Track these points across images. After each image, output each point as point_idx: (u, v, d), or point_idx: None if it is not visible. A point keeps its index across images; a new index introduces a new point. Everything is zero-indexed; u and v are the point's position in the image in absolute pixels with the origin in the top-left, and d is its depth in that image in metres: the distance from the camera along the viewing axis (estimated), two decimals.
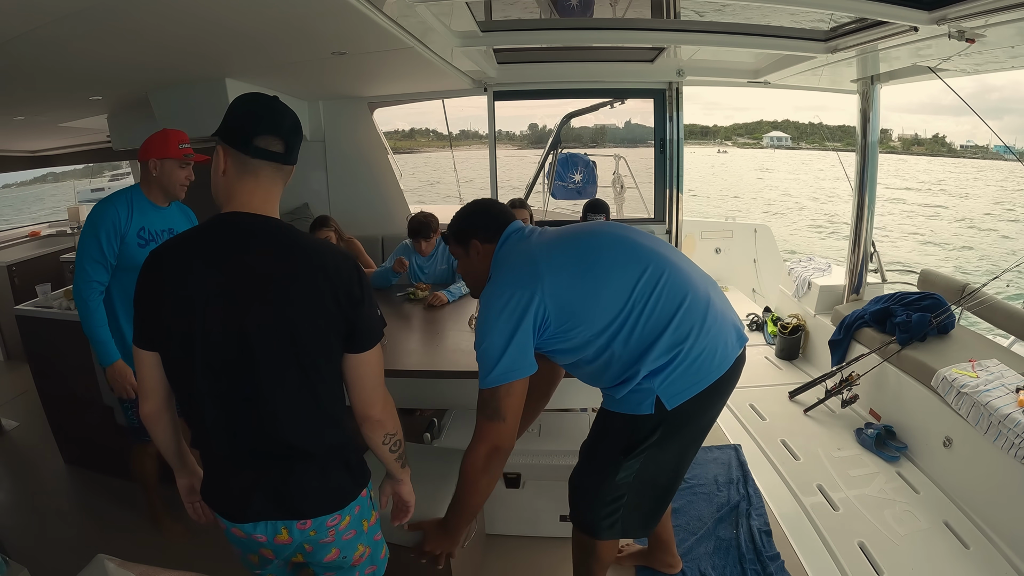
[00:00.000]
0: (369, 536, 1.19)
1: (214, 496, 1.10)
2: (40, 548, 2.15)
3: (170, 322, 0.99)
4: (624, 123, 5.20)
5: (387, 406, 1.12)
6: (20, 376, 3.54)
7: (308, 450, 1.05)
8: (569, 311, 1.28)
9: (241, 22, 1.84)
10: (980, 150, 50.96)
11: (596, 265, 1.31)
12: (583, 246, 1.37)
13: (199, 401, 1.01)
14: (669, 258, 1.36)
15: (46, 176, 7.40)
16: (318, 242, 1.07)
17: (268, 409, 1.01)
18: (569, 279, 1.29)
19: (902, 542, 2.08)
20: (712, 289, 1.39)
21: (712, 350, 1.31)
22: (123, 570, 1.15)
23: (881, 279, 3.70)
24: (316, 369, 1.02)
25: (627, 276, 1.30)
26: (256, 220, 1.01)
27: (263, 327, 0.98)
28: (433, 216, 3.07)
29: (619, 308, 1.28)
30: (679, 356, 1.28)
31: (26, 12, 1.48)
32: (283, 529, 1.06)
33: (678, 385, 1.29)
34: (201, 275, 0.97)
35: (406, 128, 10.02)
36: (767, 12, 2.45)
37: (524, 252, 1.35)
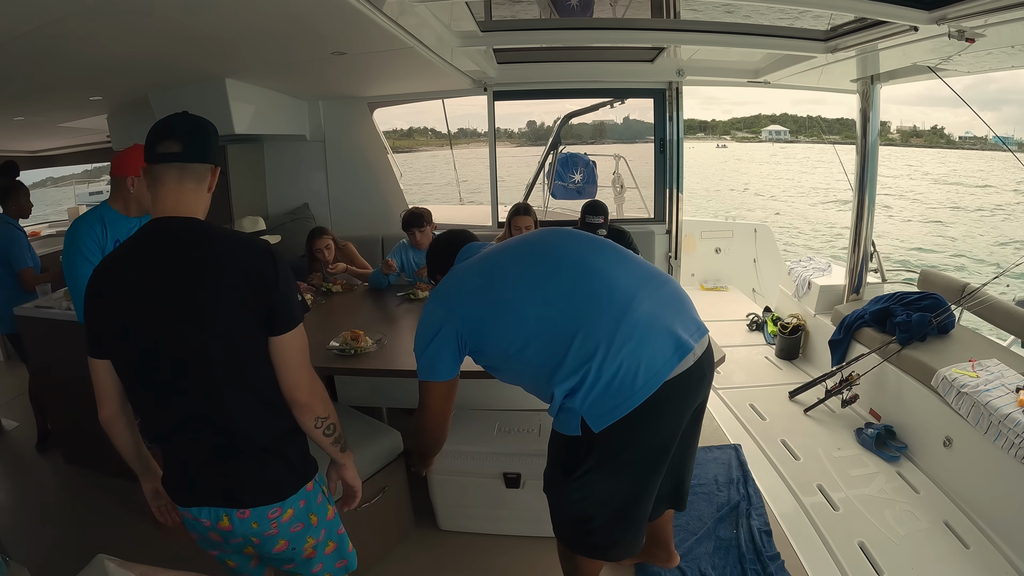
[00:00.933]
0: (320, 529, 1.21)
1: (168, 480, 1.18)
2: (40, 548, 2.15)
3: (110, 331, 1.07)
4: (623, 119, 5.20)
5: (314, 389, 1.13)
6: (20, 376, 3.54)
7: (250, 438, 1.09)
8: (479, 330, 1.32)
9: (241, 22, 1.84)
10: (979, 141, 51.01)
11: (500, 283, 1.32)
12: (493, 267, 1.38)
13: (145, 398, 1.11)
14: (583, 266, 1.30)
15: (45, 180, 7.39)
16: (230, 235, 1.11)
17: (209, 401, 1.06)
18: (474, 304, 1.33)
19: (902, 542, 2.08)
20: (643, 295, 1.25)
21: (631, 369, 1.18)
22: (123, 570, 1.15)
23: (881, 279, 3.70)
24: (237, 355, 1.06)
25: (528, 293, 1.28)
26: (171, 224, 1.07)
27: (190, 326, 1.03)
28: (426, 209, 3.08)
29: (523, 325, 1.26)
30: (588, 375, 1.19)
31: (26, 12, 1.48)
32: (224, 516, 1.10)
33: (600, 406, 1.20)
34: (124, 280, 1.06)
35: (404, 127, 10.11)
36: (766, 12, 2.45)
37: (447, 280, 1.43)
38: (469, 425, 2.14)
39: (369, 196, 4.08)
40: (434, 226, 3.09)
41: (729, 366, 3.49)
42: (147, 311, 1.04)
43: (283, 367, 1.09)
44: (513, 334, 1.28)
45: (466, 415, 2.20)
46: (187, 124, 1.09)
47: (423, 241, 3.04)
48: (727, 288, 5.32)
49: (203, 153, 1.10)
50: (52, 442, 2.91)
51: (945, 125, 66.97)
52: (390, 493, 2.00)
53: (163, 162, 1.06)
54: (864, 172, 3.38)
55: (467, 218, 4.69)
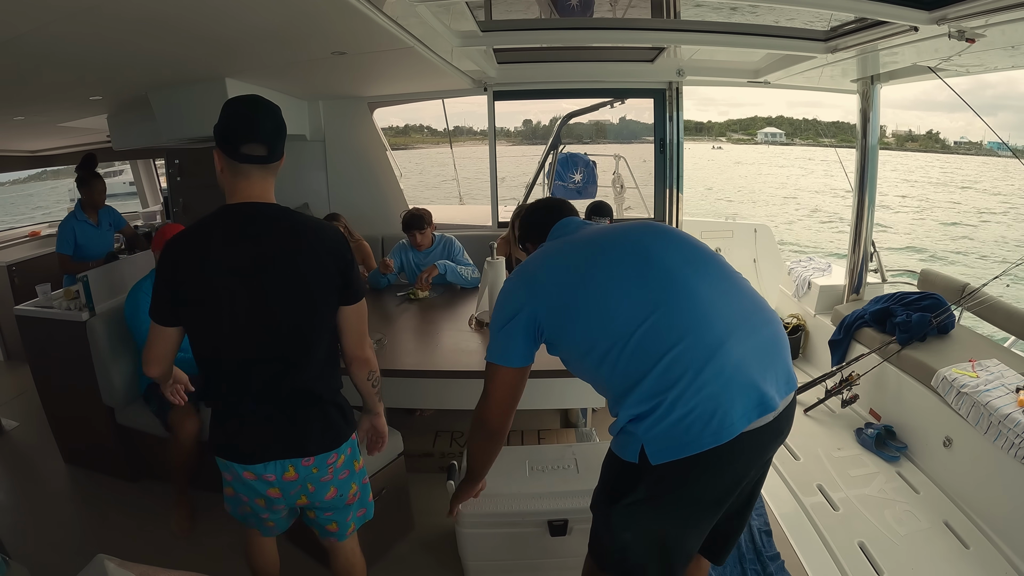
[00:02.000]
0: (359, 477, 1.41)
1: (228, 445, 1.26)
2: (40, 548, 2.15)
3: (192, 297, 1.18)
4: (619, 119, 5.19)
5: (371, 349, 1.37)
6: (20, 376, 3.55)
7: (319, 394, 1.27)
8: (561, 325, 1.23)
9: (241, 22, 1.84)
10: (974, 146, 51.15)
11: (593, 281, 1.20)
12: (589, 259, 1.24)
13: (223, 361, 1.23)
14: (683, 287, 1.16)
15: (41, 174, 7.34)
16: (313, 219, 1.28)
17: (288, 361, 1.22)
18: (562, 295, 1.22)
19: (902, 542, 2.08)
20: (740, 335, 1.12)
21: (706, 412, 1.07)
22: (123, 570, 1.15)
23: (881, 279, 3.71)
24: (324, 323, 1.25)
25: (623, 302, 1.16)
26: (257, 208, 1.20)
27: (280, 294, 1.19)
28: (426, 210, 3.08)
29: (608, 334, 1.15)
30: (661, 406, 1.09)
31: (26, 12, 1.48)
32: (290, 467, 1.25)
33: (664, 440, 1.10)
34: (217, 256, 1.17)
35: (400, 124, 10.01)
36: (764, 12, 2.44)
37: (537, 259, 1.32)
38: (498, 467, 1.76)
39: (369, 196, 4.07)
40: (434, 227, 3.09)
41: None
42: (246, 283, 1.17)
43: (352, 329, 1.30)
44: (596, 337, 1.17)
45: None
46: (270, 126, 1.19)
47: (423, 242, 3.04)
48: None
49: (281, 152, 1.23)
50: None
51: (940, 130, 67.09)
52: (390, 493, 2.00)
53: (251, 163, 1.18)
54: (864, 172, 3.38)
55: (467, 218, 4.70)
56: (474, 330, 2.40)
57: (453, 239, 3.14)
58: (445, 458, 2.46)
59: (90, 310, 2.39)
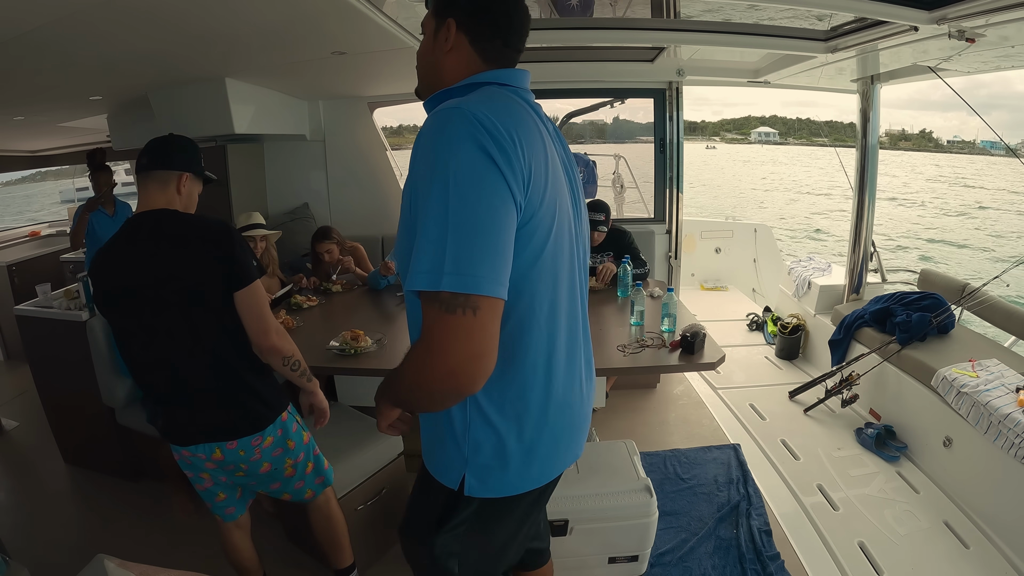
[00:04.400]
0: (295, 454, 1.48)
1: (164, 429, 1.41)
2: (40, 548, 2.15)
3: (108, 297, 1.32)
4: (613, 119, 5.20)
5: (279, 334, 1.36)
6: (20, 376, 3.55)
7: (222, 389, 1.35)
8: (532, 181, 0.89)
9: (242, 21, 1.84)
10: (967, 145, 51.32)
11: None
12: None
13: (134, 360, 1.37)
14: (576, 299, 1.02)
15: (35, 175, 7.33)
16: (196, 218, 1.37)
17: (178, 363, 1.32)
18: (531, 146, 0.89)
19: (902, 542, 2.08)
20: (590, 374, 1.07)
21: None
22: (123, 570, 1.15)
23: (881, 279, 3.70)
24: (201, 323, 1.31)
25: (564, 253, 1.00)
26: (145, 215, 1.33)
27: (165, 291, 1.27)
28: None
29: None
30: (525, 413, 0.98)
31: (28, 11, 1.48)
32: (216, 449, 1.37)
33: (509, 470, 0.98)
34: (116, 265, 1.31)
35: (394, 125, 9.84)
36: (764, 11, 2.44)
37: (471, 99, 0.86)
38: None
39: (369, 196, 4.07)
40: None
41: (729, 366, 3.48)
42: (131, 292, 1.29)
43: (247, 317, 1.31)
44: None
45: None
46: (155, 143, 1.39)
47: None
48: (727, 288, 5.31)
49: (166, 162, 1.38)
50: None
51: (933, 129, 67.64)
52: (390, 493, 2.00)
53: (137, 172, 1.37)
54: (864, 172, 3.38)
55: None
56: None
57: None
58: None
59: (90, 310, 2.39)
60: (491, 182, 0.76)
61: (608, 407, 2.92)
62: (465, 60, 0.95)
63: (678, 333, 2.14)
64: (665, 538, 2.07)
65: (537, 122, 0.88)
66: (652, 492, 1.78)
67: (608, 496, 1.77)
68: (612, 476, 1.85)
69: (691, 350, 2.05)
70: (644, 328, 2.31)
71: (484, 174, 0.76)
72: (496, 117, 0.79)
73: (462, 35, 0.94)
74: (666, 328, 2.24)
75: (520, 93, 0.93)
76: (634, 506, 1.76)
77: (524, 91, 0.95)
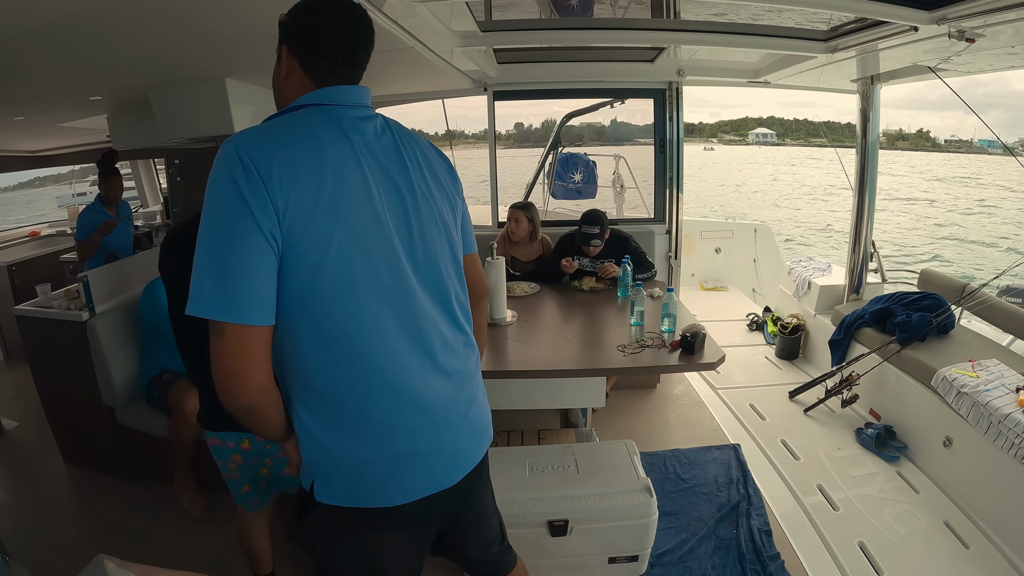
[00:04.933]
0: None
1: (203, 413, 1.43)
2: (40, 548, 2.15)
3: (177, 287, 1.36)
4: (611, 121, 5.19)
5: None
6: (20, 376, 3.55)
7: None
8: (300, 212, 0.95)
9: (241, 22, 1.84)
10: (964, 144, 51.49)
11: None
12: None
13: (194, 347, 1.37)
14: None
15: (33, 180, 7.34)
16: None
17: None
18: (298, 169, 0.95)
19: (902, 542, 2.08)
20: None
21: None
22: (123, 570, 1.15)
23: (881, 279, 3.70)
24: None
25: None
26: None
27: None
28: None
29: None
30: None
31: (25, 12, 1.48)
32: (246, 439, 1.41)
33: None
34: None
35: None
36: (762, 12, 2.45)
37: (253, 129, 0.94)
38: (498, 468, 1.83)
39: None
40: None
41: (729, 366, 3.48)
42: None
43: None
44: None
45: (490, 455, 1.94)
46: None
47: None
48: (727, 288, 5.31)
49: None
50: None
51: (931, 128, 68.20)
52: None
53: None
54: (864, 172, 3.38)
55: None
56: None
57: None
58: None
59: (90, 310, 2.39)
60: (236, 214, 0.81)
61: (608, 407, 2.92)
62: (300, 85, 1.00)
63: (678, 333, 2.14)
64: (665, 538, 2.07)
65: (328, 144, 0.90)
66: (652, 492, 1.78)
67: (608, 496, 1.77)
68: (612, 476, 1.85)
69: (691, 350, 2.05)
70: (644, 328, 2.31)
71: (231, 206, 0.82)
72: (259, 148, 0.84)
73: (294, 60, 1.00)
74: (666, 328, 2.24)
75: (336, 112, 0.95)
76: (634, 506, 1.76)
77: (346, 108, 0.97)
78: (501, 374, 2.10)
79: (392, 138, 1.00)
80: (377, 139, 0.98)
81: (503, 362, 2.17)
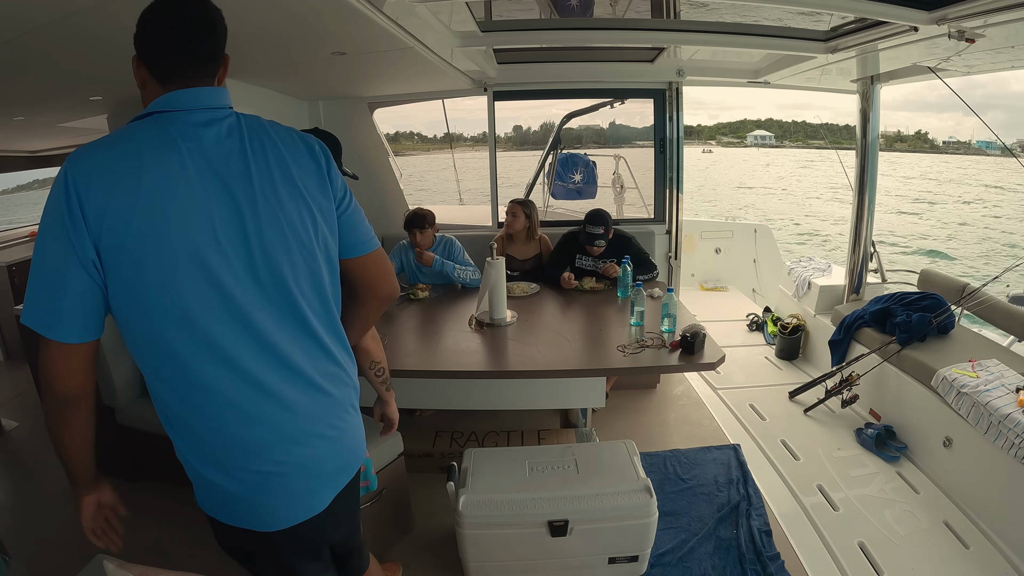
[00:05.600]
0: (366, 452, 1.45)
1: None
2: (40, 548, 2.15)
3: None
4: (609, 123, 5.19)
5: (374, 339, 1.33)
6: (20, 376, 3.55)
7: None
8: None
9: (241, 22, 1.84)
10: (963, 146, 51.59)
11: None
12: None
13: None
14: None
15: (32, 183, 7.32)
16: None
17: None
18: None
19: (902, 542, 2.08)
20: None
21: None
22: (122, 571, 1.16)
23: (881, 279, 3.71)
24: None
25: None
26: None
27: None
28: (429, 211, 3.09)
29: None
30: None
31: (24, 13, 1.48)
32: None
33: None
34: None
35: (391, 131, 9.71)
36: (760, 11, 2.44)
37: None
38: (499, 468, 1.89)
39: (369, 196, 4.06)
40: (436, 229, 3.09)
41: (729, 366, 3.49)
42: None
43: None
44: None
45: (490, 456, 1.98)
46: (327, 142, 1.35)
47: (423, 242, 3.05)
48: (727, 288, 5.32)
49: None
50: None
51: (929, 130, 68.59)
52: (390, 493, 2.00)
53: None
54: (864, 172, 3.38)
55: (467, 218, 4.70)
56: (474, 330, 2.40)
57: (453, 239, 3.15)
58: (445, 458, 2.46)
59: None
60: (57, 240, 0.85)
61: (608, 407, 2.92)
62: (153, 91, 0.95)
63: (678, 333, 2.14)
64: (665, 538, 2.07)
65: (151, 157, 0.87)
66: (652, 492, 1.78)
67: (608, 496, 1.77)
68: (612, 476, 1.85)
69: (691, 350, 2.05)
70: (644, 328, 2.31)
71: (53, 233, 0.85)
72: (82, 172, 0.85)
73: (143, 67, 0.95)
74: (666, 328, 2.24)
75: (173, 118, 0.91)
76: (634, 506, 1.76)
77: (187, 113, 0.92)
78: (501, 374, 2.10)
79: (239, 141, 0.94)
80: (218, 144, 0.92)
81: (503, 362, 2.17)
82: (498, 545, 1.78)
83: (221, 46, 0.98)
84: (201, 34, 0.94)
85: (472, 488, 1.80)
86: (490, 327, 2.42)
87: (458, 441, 2.55)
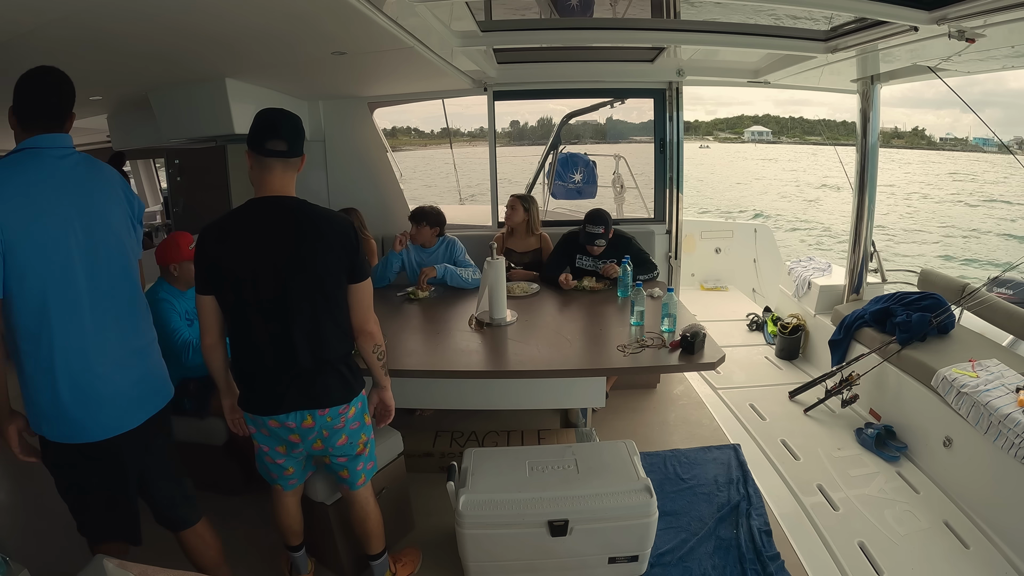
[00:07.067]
0: (368, 430, 1.65)
1: (257, 399, 1.51)
2: (40, 548, 2.15)
3: (224, 273, 1.42)
4: (606, 119, 5.18)
5: (376, 324, 1.58)
6: None
7: (329, 359, 1.50)
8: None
9: (241, 22, 1.84)
10: (960, 142, 51.63)
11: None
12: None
13: (251, 329, 1.46)
14: None
15: None
16: (325, 210, 1.51)
17: (302, 332, 1.46)
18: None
19: (902, 542, 2.08)
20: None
21: None
22: (122, 570, 1.16)
23: (881, 279, 3.71)
24: (335, 298, 1.49)
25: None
26: (276, 200, 1.45)
27: (295, 273, 1.42)
28: (436, 210, 3.11)
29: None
30: None
31: (24, 13, 1.48)
32: (308, 416, 1.49)
33: None
34: (241, 240, 1.43)
35: (388, 127, 9.66)
36: (758, 11, 2.44)
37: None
38: (499, 468, 1.89)
39: (369, 197, 4.07)
40: (438, 231, 3.10)
41: (729, 366, 3.48)
42: (265, 265, 1.41)
43: (357, 306, 1.53)
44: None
45: (490, 455, 1.98)
46: (289, 125, 1.44)
47: (418, 238, 3.06)
48: (727, 288, 5.32)
49: (300, 149, 1.47)
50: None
51: (926, 126, 68.82)
52: (390, 493, 2.00)
53: (274, 157, 1.43)
54: (864, 172, 3.38)
55: (467, 218, 4.70)
56: (474, 330, 2.40)
57: (455, 240, 3.15)
58: (445, 458, 2.46)
59: None
60: None
61: (608, 407, 2.91)
62: (21, 133, 1.39)
63: (678, 333, 2.14)
64: (665, 538, 2.07)
65: (28, 180, 1.29)
66: (652, 492, 1.78)
67: (608, 496, 1.77)
68: (612, 476, 1.85)
69: (691, 350, 2.05)
70: (644, 328, 2.31)
71: None
72: None
73: (14, 117, 1.39)
74: (666, 328, 2.24)
75: (35, 155, 1.34)
76: (634, 506, 1.76)
77: (48, 151, 1.36)
78: (501, 374, 2.10)
79: (85, 171, 1.39)
80: (72, 170, 1.36)
81: (503, 362, 2.17)
82: (498, 545, 1.78)
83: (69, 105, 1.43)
84: (58, 102, 1.43)
85: (472, 488, 1.80)
86: (490, 327, 2.42)
87: (458, 441, 2.55)
